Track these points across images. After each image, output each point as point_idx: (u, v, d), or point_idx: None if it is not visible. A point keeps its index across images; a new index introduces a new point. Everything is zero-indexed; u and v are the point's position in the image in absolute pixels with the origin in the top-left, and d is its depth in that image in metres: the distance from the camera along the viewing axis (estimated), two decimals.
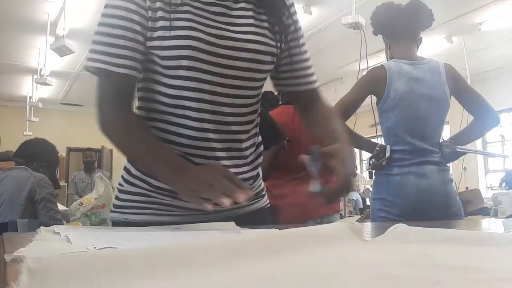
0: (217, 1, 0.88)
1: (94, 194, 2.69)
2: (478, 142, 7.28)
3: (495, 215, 4.18)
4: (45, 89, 7.23)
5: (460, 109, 1.85)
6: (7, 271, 0.36)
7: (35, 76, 6.39)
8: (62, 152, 8.61)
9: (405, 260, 0.40)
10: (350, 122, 1.91)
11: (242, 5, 0.91)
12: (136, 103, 0.94)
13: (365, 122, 2.16)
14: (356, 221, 0.59)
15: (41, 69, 5.93)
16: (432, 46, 5.65)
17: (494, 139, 7.08)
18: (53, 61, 5.80)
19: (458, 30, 5.33)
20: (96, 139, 6.03)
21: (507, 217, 4.14)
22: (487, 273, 0.32)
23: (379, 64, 1.80)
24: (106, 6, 0.85)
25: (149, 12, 0.84)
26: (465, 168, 5.69)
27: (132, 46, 0.84)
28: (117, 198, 0.97)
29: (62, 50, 4.46)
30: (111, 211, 0.99)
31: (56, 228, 0.68)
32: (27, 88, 7.45)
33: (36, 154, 2.54)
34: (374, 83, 1.76)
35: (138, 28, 0.84)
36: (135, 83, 0.89)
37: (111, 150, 8.90)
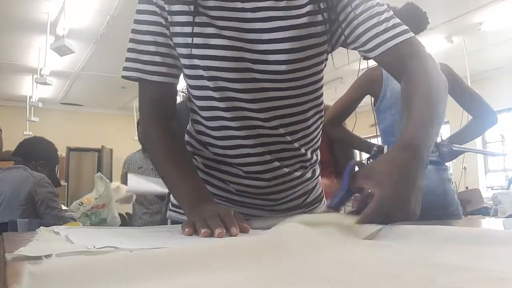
0: None
1: (94, 194, 2.69)
2: (478, 141, 7.27)
3: (495, 215, 4.17)
4: (45, 89, 7.23)
5: (460, 108, 1.85)
6: (7, 271, 0.36)
7: (35, 76, 6.39)
8: (62, 152, 8.60)
9: (400, 259, 0.40)
10: (350, 122, 1.91)
11: None
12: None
13: (365, 122, 2.17)
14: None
15: (41, 69, 5.92)
16: (432, 46, 5.64)
17: (494, 138, 7.08)
18: (53, 61, 5.80)
19: (458, 30, 5.33)
20: (96, 138, 6.02)
21: (507, 217, 4.13)
22: (485, 272, 0.32)
23: (376, 65, 1.80)
24: (136, 11, 0.82)
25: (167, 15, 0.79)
26: (465, 168, 5.68)
27: (164, 51, 0.81)
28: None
29: (62, 50, 4.46)
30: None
31: (56, 228, 0.68)
32: (27, 88, 7.44)
33: (34, 152, 2.52)
34: (370, 84, 1.77)
35: (168, 32, 0.80)
36: (174, 89, 0.86)
37: (111, 150, 8.89)
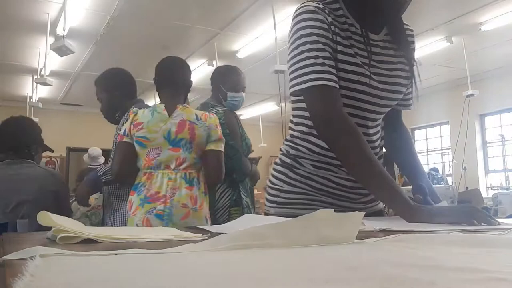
0: (372, 42, 1.09)
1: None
2: (479, 142, 7.25)
3: (495, 215, 4.17)
4: (45, 89, 7.23)
5: (460, 109, 1.85)
6: (7, 271, 0.36)
7: (35, 76, 6.38)
8: (62, 152, 8.59)
9: (401, 260, 0.40)
10: None
11: (388, 45, 1.13)
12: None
13: None
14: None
15: (41, 69, 5.92)
16: (432, 46, 5.64)
17: (494, 138, 7.07)
18: (53, 61, 5.80)
19: (458, 30, 5.32)
20: (96, 139, 6.01)
21: (507, 217, 4.14)
22: (484, 273, 0.32)
23: None
24: (301, 29, 1.02)
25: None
26: (465, 168, 5.67)
27: (330, 64, 1.01)
28: (277, 196, 1.14)
29: (62, 50, 4.45)
30: (274, 208, 1.14)
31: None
32: (27, 88, 7.43)
33: (26, 141, 2.34)
34: None
35: (329, 49, 1.02)
36: (339, 94, 1.03)
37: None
